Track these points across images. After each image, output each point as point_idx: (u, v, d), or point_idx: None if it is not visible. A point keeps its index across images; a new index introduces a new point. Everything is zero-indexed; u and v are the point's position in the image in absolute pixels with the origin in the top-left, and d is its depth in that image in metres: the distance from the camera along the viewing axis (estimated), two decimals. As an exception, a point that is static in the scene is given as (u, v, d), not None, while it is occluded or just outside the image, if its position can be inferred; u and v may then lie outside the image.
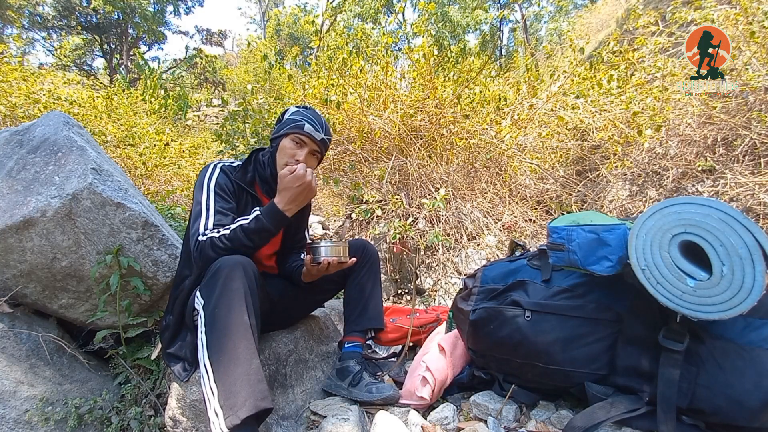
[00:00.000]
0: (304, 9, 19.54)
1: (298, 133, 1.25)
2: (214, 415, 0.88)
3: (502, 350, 1.19)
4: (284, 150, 1.26)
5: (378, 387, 1.25)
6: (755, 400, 0.90)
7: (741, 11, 2.27)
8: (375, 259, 1.45)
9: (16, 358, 1.27)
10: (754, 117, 2.13)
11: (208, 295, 0.99)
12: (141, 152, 3.66)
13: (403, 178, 2.73)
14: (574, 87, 2.97)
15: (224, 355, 0.91)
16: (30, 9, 15.00)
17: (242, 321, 0.95)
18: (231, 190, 1.26)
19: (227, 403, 0.86)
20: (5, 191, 1.32)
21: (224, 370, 0.90)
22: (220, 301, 0.96)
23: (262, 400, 0.87)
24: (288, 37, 19.80)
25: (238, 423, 0.84)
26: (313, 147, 1.28)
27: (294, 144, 1.26)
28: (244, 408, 0.85)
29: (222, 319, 0.95)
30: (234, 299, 0.96)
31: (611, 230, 1.02)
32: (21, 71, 3.75)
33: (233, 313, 0.95)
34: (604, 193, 2.55)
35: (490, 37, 16.71)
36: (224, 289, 0.97)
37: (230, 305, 0.96)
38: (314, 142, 1.27)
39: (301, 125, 1.26)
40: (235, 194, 1.27)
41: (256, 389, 0.88)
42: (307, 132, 1.26)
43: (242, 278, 0.99)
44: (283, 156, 1.26)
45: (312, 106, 1.40)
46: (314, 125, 1.27)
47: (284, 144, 1.26)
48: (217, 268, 1.01)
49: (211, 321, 0.96)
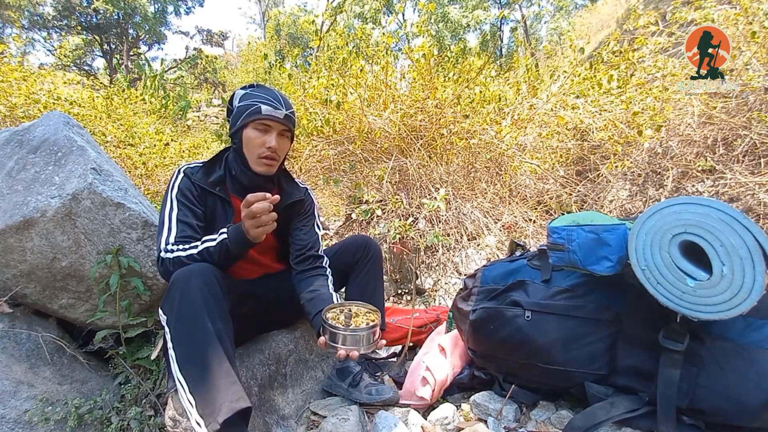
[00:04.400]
0: (304, 9, 19.55)
1: (257, 119, 1.14)
2: (197, 425, 0.87)
3: (502, 350, 1.19)
4: (251, 142, 1.15)
5: (378, 389, 1.25)
6: (755, 400, 0.90)
7: (741, 11, 2.27)
8: (377, 256, 1.41)
9: (16, 358, 1.27)
10: (754, 117, 2.13)
11: (168, 310, 0.97)
12: (141, 152, 3.66)
13: (403, 178, 2.73)
14: (574, 87, 2.97)
15: (193, 365, 0.91)
16: (30, 9, 15.01)
17: (204, 328, 0.93)
18: (195, 194, 1.17)
19: (206, 412, 0.86)
20: (5, 191, 1.32)
21: (195, 379, 0.89)
22: (180, 312, 0.95)
23: (237, 401, 0.87)
24: (288, 37, 19.80)
25: (217, 428, 0.84)
26: (279, 128, 1.17)
27: (258, 132, 1.15)
28: (222, 412, 0.85)
29: (184, 330, 0.93)
30: (193, 309, 0.94)
31: (611, 230, 1.02)
32: (21, 71, 3.75)
33: (194, 323, 0.93)
34: (604, 193, 2.55)
35: (491, 37, 16.71)
36: (182, 300, 0.95)
37: (189, 315, 0.94)
38: (278, 122, 1.16)
39: (258, 108, 1.13)
40: (200, 198, 1.17)
41: (230, 392, 0.88)
42: (267, 114, 1.13)
43: (199, 287, 0.96)
44: (252, 149, 1.15)
45: (260, 83, 1.26)
46: (272, 103, 1.14)
47: (248, 135, 1.15)
48: (172, 281, 0.99)
49: (175, 334, 0.95)
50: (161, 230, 1.11)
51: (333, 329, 0.98)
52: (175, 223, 1.10)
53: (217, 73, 17.54)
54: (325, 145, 2.89)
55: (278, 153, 1.18)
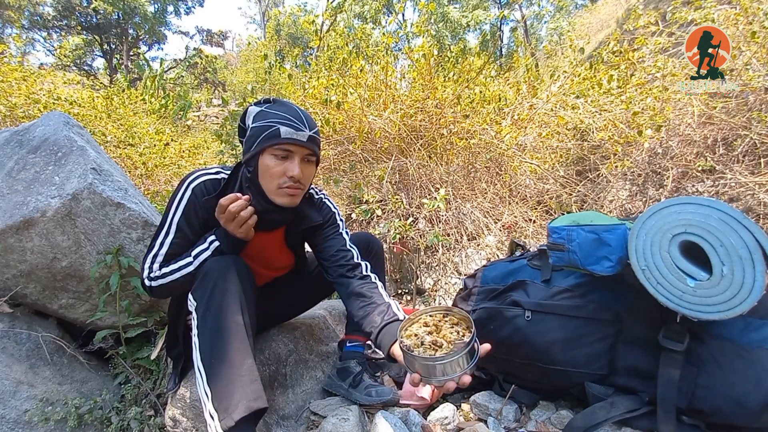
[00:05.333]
0: (304, 9, 19.56)
1: (276, 144, 0.97)
2: (210, 417, 0.87)
3: (502, 350, 1.19)
4: (269, 171, 0.98)
5: (378, 390, 1.25)
6: (755, 400, 0.90)
7: (741, 11, 2.27)
8: (380, 255, 1.38)
9: (16, 358, 1.27)
10: (754, 117, 2.13)
11: (200, 297, 0.95)
12: (141, 152, 3.66)
13: (403, 178, 2.73)
14: (574, 87, 2.97)
15: (217, 356, 0.90)
16: (30, 9, 15.01)
17: (235, 321, 0.92)
18: (200, 221, 1.04)
19: (221, 406, 0.85)
20: (5, 191, 1.32)
21: (217, 371, 0.88)
22: (212, 301, 0.93)
23: (255, 401, 0.86)
24: (288, 37, 19.81)
25: (232, 425, 0.83)
26: (303, 152, 1.00)
27: (278, 160, 0.98)
28: (238, 410, 0.84)
29: (214, 320, 0.92)
30: (226, 299, 0.93)
31: (611, 230, 1.02)
32: (21, 71, 3.75)
33: (225, 314, 0.92)
34: (604, 193, 2.55)
35: (491, 37, 16.71)
36: (215, 289, 0.94)
37: (222, 306, 0.93)
38: (301, 146, 0.99)
39: (276, 131, 0.97)
40: (204, 224, 1.05)
41: (249, 390, 0.87)
42: (287, 138, 0.96)
43: (235, 278, 0.96)
44: (270, 180, 0.99)
45: (276, 97, 1.09)
46: (293, 124, 0.98)
47: (266, 163, 0.98)
48: (208, 269, 0.97)
49: (203, 322, 0.93)
50: (152, 246, 1.03)
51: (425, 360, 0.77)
52: (168, 246, 1.02)
53: (217, 73, 17.54)
54: (325, 145, 2.89)
55: (302, 182, 1.02)
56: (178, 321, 1.16)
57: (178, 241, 1.03)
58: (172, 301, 1.19)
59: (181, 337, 1.17)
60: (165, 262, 1.02)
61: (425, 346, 0.84)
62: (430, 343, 0.84)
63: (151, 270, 1.02)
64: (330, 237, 1.20)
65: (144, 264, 1.03)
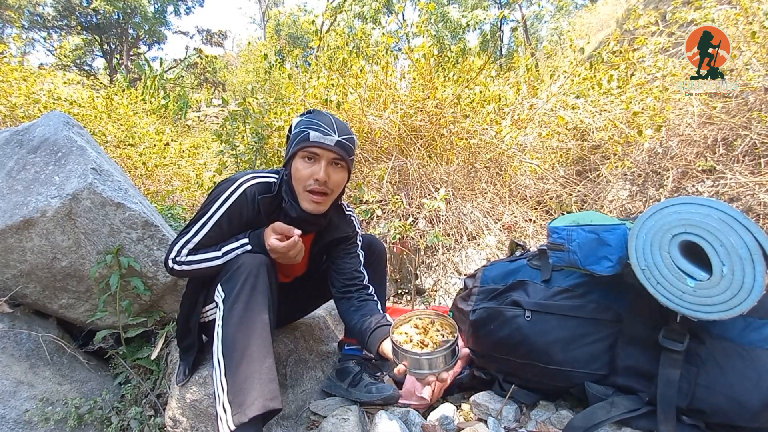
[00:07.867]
0: (304, 9, 19.55)
1: (305, 147, 1.03)
2: (222, 410, 0.86)
3: (502, 350, 1.19)
4: (298, 173, 1.04)
5: (378, 387, 1.25)
6: (755, 400, 0.90)
7: (741, 11, 2.27)
8: (382, 257, 1.39)
9: (16, 358, 1.27)
10: (754, 117, 2.14)
11: (229, 290, 0.96)
12: (141, 152, 3.66)
13: (403, 178, 2.73)
14: (574, 87, 2.97)
15: (238, 351, 0.90)
16: (30, 9, 15.02)
17: (261, 318, 0.93)
18: (246, 218, 1.08)
19: (236, 400, 0.85)
20: (5, 191, 1.32)
21: (236, 366, 0.88)
22: (241, 296, 0.94)
23: (271, 401, 0.86)
24: (288, 37, 19.81)
25: (245, 421, 0.83)
26: (329, 156, 1.04)
27: (306, 162, 1.04)
28: (253, 407, 0.84)
29: (240, 314, 0.93)
30: (255, 296, 0.94)
31: (611, 230, 1.02)
32: (21, 71, 3.75)
33: (253, 310, 0.93)
34: (604, 193, 2.55)
35: (491, 37, 16.72)
36: (246, 284, 0.95)
37: (250, 301, 0.94)
38: (328, 149, 1.03)
39: (306, 135, 1.03)
40: (248, 223, 1.09)
41: (267, 389, 0.87)
42: (314, 141, 1.02)
43: (266, 277, 0.98)
44: (299, 182, 1.05)
45: (316, 108, 1.18)
46: (321, 129, 1.03)
47: (296, 166, 1.05)
48: (241, 263, 0.98)
49: (229, 314, 0.94)
50: (185, 233, 1.07)
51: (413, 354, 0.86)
52: (201, 237, 1.06)
53: (216, 73, 17.54)
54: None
55: (329, 186, 1.06)
56: (193, 311, 1.15)
57: (213, 234, 1.06)
58: (187, 291, 1.20)
59: (195, 328, 1.16)
60: (194, 250, 1.06)
61: (413, 344, 0.92)
62: (418, 342, 0.92)
63: (179, 254, 1.06)
64: (349, 254, 1.25)
65: (174, 245, 1.07)
